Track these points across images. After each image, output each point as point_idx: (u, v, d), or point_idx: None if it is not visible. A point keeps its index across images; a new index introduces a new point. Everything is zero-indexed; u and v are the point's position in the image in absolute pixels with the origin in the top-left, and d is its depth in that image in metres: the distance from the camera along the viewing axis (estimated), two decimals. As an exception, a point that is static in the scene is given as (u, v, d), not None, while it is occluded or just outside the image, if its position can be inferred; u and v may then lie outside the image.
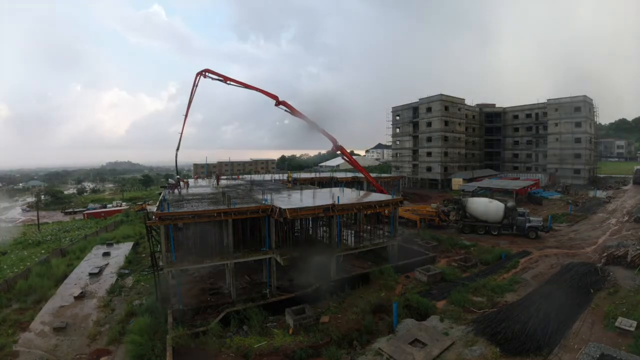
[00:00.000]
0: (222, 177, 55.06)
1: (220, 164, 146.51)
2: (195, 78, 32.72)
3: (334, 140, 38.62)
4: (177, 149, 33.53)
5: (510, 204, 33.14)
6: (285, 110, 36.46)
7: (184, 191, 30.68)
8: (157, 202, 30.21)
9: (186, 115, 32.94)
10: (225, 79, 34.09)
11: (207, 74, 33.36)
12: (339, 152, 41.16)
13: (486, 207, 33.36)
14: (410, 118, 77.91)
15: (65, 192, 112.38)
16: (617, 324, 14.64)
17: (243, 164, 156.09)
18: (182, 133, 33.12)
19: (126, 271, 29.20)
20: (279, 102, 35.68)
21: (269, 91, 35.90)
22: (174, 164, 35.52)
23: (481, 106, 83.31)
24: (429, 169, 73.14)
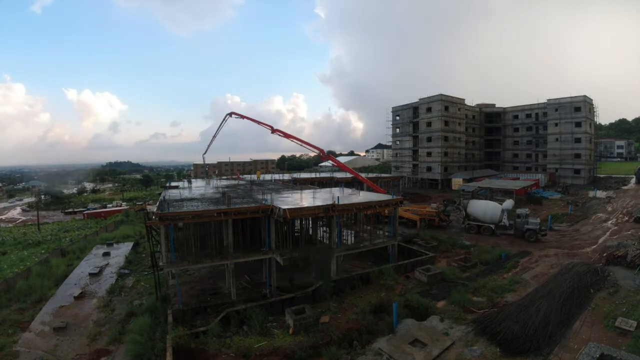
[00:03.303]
0: (223, 177, 55.76)
1: (220, 164, 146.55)
2: (225, 118, 43.87)
3: (321, 151, 40.36)
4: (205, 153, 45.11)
5: (507, 205, 33.07)
6: (280, 135, 40.57)
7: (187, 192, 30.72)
8: (157, 202, 30.24)
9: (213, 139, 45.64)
10: (241, 117, 43.25)
11: (233, 115, 42.91)
12: (329, 161, 43.11)
13: (484, 208, 33.48)
14: (410, 118, 77.94)
15: (66, 192, 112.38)
16: (617, 324, 14.64)
17: (243, 164, 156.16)
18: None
19: (126, 271, 29.19)
20: (273, 130, 40.68)
21: (264, 122, 42.12)
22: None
23: (481, 106, 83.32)
24: (429, 169, 73.14)
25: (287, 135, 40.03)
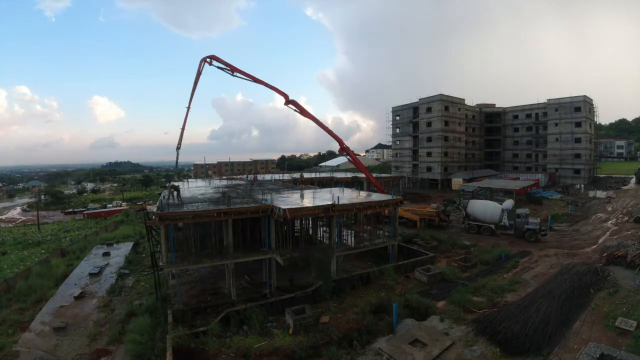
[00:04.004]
0: (224, 177, 54.75)
1: (220, 164, 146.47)
2: (200, 65, 29.98)
3: (340, 141, 38.10)
4: (178, 147, 30.44)
5: (507, 205, 33.06)
6: (295, 110, 35.25)
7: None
8: (157, 202, 29.96)
9: (188, 108, 29.85)
10: (232, 69, 31.68)
11: (212, 61, 30.64)
12: (344, 154, 40.78)
13: (484, 208, 33.50)
14: (410, 118, 77.92)
15: (66, 192, 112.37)
16: (617, 324, 14.64)
17: (243, 164, 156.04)
18: (183, 127, 29.77)
19: (126, 271, 29.19)
20: (288, 101, 34.31)
21: (279, 88, 33.98)
22: (174, 164, 34.32)
23: (481, 106, 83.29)
24: (429, 169, 73.13)
25: (303, 111, 34.58)
